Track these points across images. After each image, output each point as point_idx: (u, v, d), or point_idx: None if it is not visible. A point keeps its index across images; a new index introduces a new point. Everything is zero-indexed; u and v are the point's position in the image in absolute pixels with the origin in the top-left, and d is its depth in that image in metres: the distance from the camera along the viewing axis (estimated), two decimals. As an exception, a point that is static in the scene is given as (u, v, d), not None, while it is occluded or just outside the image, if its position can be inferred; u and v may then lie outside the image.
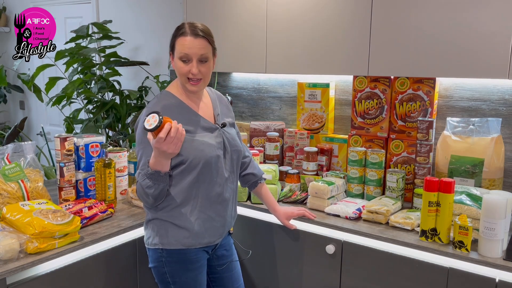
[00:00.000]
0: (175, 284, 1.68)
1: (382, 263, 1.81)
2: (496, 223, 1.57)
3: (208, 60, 1.62)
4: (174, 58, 1.63)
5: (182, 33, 1.59)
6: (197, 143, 1.62)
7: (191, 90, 1.65)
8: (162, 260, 1.66)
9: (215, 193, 1.67)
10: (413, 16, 1.96)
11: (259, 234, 2.15)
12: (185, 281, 1.68)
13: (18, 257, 1.53)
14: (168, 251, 1.65)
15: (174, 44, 1.62)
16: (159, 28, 3.44)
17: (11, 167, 1.89)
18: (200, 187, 1.64)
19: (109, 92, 3.42)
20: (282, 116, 2.80)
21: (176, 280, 1.67)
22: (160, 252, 1.66)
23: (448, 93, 2.23)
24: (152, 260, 1.70)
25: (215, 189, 1.67)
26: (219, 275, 1.84)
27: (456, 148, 2.04)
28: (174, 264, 1.67)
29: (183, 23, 1.63)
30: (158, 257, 1.67)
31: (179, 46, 1.59)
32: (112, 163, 2.07)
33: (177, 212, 1.64)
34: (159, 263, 1.67)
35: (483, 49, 1.82)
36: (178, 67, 1.61)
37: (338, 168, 2.49)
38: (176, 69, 1.63)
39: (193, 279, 1.70)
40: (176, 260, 1.66)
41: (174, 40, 1.62)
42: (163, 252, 1.65)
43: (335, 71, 2.26)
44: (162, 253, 1.66)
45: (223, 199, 1.70)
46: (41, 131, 4.28)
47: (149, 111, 1.47)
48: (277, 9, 2.35)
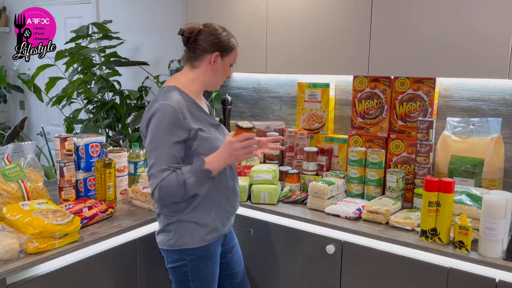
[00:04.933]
0: (194, 281, 1.72)
1: (382, 263, 1.81)
2: (496, 223, 1.57)
3: None
4: (225, 61, 1.72)
5: (237, 45, 1.76)
6: (213, 141, 1.67)
7: (217, 88, 1.81)
8: (186, 259, 1.69)
9: (228, 187, 1.75)
10: (413, 16, 1.96)
11: (259, 234, 2.15)
12: (204, 277, 1.73)
13: (18, 257, 1.53)
14: (193, 249, 1.68)
15: (231, 51, 1.72)
16: (159, 28, 3.44)
17: (11, 167, 1.89)
18: (217, 183, 1.69)
19: (109, 92, 3.42)
20: (282, 116, 2.80)
21: (195, 277, 1.72)
22: (184, 251, 1.68)
23: (448, 93, 2.23)
24: (173, 260, 1.72)
25: (228, 183, 1.75)
26: (227, 259, 1.90)
27: (456, 148, 2.04)
28: (197, 262, 1.70)
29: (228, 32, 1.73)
30: (181, 257, 1.69)
31: (235, 56, 1.75)
32: (112, 163, 2.07)
33: (198, 211, 1.68)
34: (182, 263, 1.70)
35: (483, 49, 1.82)
36: (226, 70, 1.75)
37: (338, 168, 2.49)
38: (224, 71, 1.74)
39: (210, 274, 1.75)
40: (199, 257, 1.70)
41: (232, 49, 1.72)
42: (187, 251, 1.68)
43: (335, 71, 2.26)
44: (186, 252, 1.68)
45: (234, 191, 1.79)
46: (41, 131, 4.28)
47: None
48: (277, 9, 2.35)
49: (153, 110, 1.59)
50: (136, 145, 2.36)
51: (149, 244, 1.98)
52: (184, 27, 1.70)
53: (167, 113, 1.56)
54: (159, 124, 1.56)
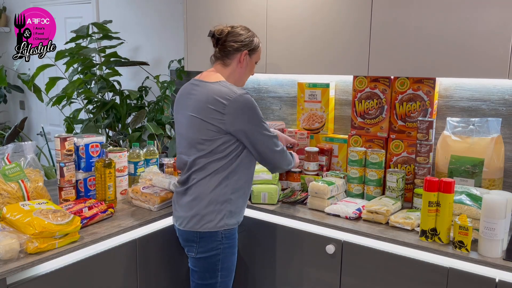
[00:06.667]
0: (223, 270, 1.82)
1: (382, 263, 1.81)
2: (496, 223, 1.57)
3: None
4: (252, 59, 1.90)
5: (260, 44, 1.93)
6: None
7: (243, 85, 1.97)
8: (220, 247, 1.78)
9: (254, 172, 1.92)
10: (413, 16, 1.96)
11: (259, 234, 2.15)
12: (230, 266, 1.85)
13: (18, 257, 1.53)
14: (227, 235, 1.78)
15: (257, 50, 1.90)
16: (159, 28, 3.44)
17: (11, 167, 1.89)
18: (252, 167, 1.87)
19: (109, 92, 3.42)
20: (282, 116, 2.80)
21: (224, 265, 1.81)
22: (220, 238, 1.77)
23: (448, 93, 2.23)
24: (207, 249, 1.78)
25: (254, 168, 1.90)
26: None
27: (456, 148, 2.04)
28: (229, 250, 1.81)
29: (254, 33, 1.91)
30: (217, 244, 1.76)
31: (260, 54, 1.95)
32: (112, 163, 2.07)
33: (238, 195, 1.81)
34: (215, 252, 1.77)
35: (483, 49, 1.82)
36: (252, 67, 1.94)
37: (338, 168, 2.49)
38: (250, 68, 1.92)
39: (233, 263, 1.87)
40: (231, 244, 1.81)
41: (258, 47, 1.91)
42: (223, 238, 1.77)
43: (335, 71, 2.26)
44: (222, 240, 1.76)
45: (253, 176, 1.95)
46: (41, 131, 4.28)
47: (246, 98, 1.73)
48: (277, 9, 2.35)
49: (242, 102, 1.71)
50: (136, 145, 2.36)
51: (149, 244, 1.98)
52: (213, 29, 1.86)
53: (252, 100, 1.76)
54: (256, 112, 1.75)
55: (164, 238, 2.04)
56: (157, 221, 2.01)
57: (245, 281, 2.24)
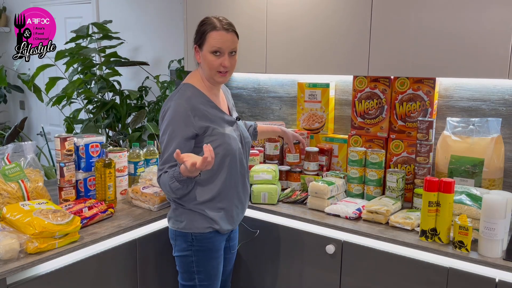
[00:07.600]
0: (200, 273, 1.75)
1: (382, 263, 1.81)
2: (496, 223, 1.57)
3: (236, 52, 1.71)
4: (203, 52, 1.67)
5: (213, 28, 1.64)
6: (227, 138, 1.70)
7: (220, 82, 1.73)
8: (191, 249, 1.72)
9: (239, 184, 1.78)
10: (413, 16, 1.96)
11: (259, 234, 2.15)
12: (209, 270, 1.77)
13: (18, 257, 1.53)
14: (198, 238, 1.72)
15: (205, 38, 1.65)
16: (159, 28, 3.44)
17: (11, 167, 1.89)
18: (228, 179, 1.72)
19: (109, 92, 3.42)
20: (282, 116, 2.80)
21: (201, 269, 1.75)
22: (190, 240, 1.71)
23: (448, 93, 2.23)
24: (180, 249, 1.75)
25: (239, 180, 1.78)
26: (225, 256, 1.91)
27: (456, 148, 2.04)
28: (202, 253, 1.74)
29: (209, 18, 1.68)
30: (188, 246, 1.72)
31: (212, 40, 1.63)
32: (112, 163, 2.07)
33: (207, 205, 1.71)
34: (187, 252, 1.73)
35: (483, 49, 1.82)
36: (209, 61, 1.66)
37: (338, 168, 2.49)
38: (207, 62, 1.67)
39: (215, 268, 1.79)
40: (205, 248, 1.74)
41: (205, 35, 1.65)
42: (193, 240, 1.71)
43: (335, 71, 2.26)
44: (192, 242, 1.72)
45: (244, 188, 1.83)
46: (41, 131, 4.28)
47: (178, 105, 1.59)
48: (277, 9, 2.35)
49: (167, 107, 1.66)
50: (136, 145, 2.35)
51: (149, 244, 1.98)
52: None
53: (179, 111, 1.62)
54: (171, 121, 1.63)
55: (164, 238, 2.04)
56: (157, 221, 2.01)
57: (245, 281, 2.24)
